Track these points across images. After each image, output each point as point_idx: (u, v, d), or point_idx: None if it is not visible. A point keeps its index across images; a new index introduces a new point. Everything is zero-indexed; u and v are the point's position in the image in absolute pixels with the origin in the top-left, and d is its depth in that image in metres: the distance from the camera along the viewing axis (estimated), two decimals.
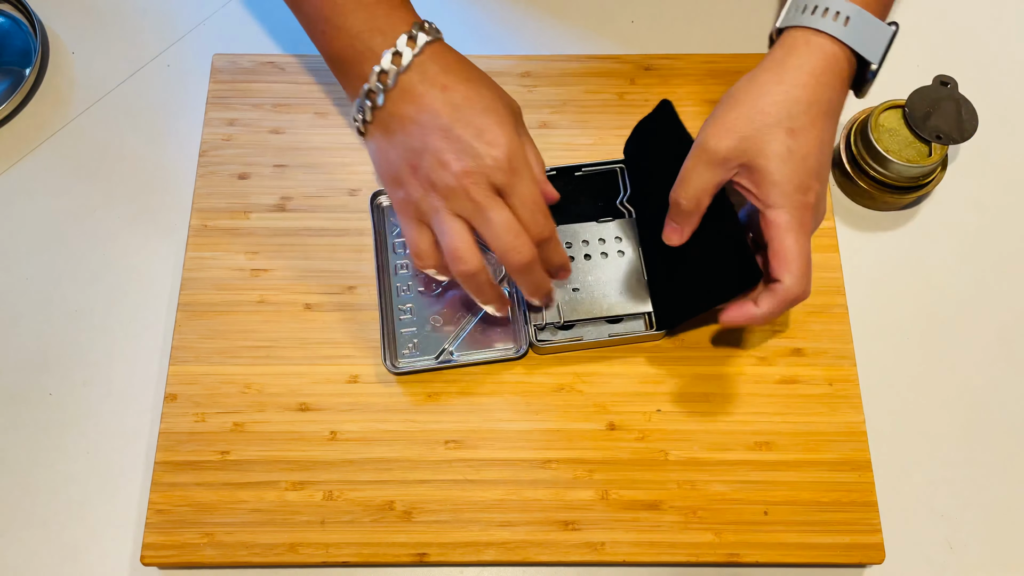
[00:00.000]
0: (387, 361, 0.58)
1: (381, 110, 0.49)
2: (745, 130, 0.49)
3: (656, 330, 0.59)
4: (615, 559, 0.55)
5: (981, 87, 0.66)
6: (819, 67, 0.49)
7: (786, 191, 0.48)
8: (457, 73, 0.49)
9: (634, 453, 0.57)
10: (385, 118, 0.49)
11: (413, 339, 0.59)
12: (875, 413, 0.59)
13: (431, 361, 0.58)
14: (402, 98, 0.48)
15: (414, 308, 0.60)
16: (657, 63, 0.68)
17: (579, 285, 0.60)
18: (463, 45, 0.70)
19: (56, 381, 0.60)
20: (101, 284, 0.63)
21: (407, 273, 0.61)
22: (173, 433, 0.57)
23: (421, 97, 0.48)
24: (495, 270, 0.60)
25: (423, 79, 0.48)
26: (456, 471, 0.56)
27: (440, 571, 0.56)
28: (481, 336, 0.59)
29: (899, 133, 0.62)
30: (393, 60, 0.48)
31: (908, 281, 0.64)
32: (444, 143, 0.47)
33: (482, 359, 0.58)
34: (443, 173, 0.47)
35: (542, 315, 0.59)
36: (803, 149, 0.49)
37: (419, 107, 0.48)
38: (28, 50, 0.69)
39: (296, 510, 0.55)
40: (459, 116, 0.47)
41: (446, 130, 0.47)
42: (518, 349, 0.58)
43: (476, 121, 0.47)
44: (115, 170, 0.66)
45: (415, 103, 0.48)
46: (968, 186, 0.67)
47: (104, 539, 0.56)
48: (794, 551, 0.55)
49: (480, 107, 0.48)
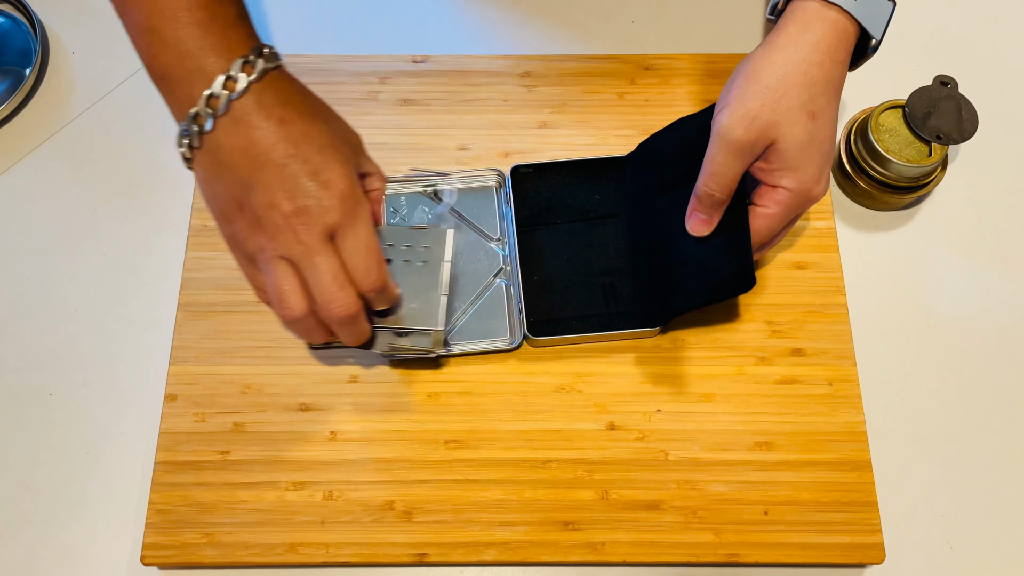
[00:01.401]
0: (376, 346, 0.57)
1: (209, 137, 0.44)
2: (770, 117, 0.48)
3: (645, 327, 0.59)
4: (615, 559, 0.55)
5: (981, 87, 0.66)
6: (833, 44, 0.49)
7: (803, 179, 0.49)
8: (296, 106, 0.45)
9: (634, 453, 0.57)
10: (213, 147, 0.45)
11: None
12: (875, 413, 0.59)
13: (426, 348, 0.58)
14: (233, 127, 0.44)
15: None
16: (657, 63, 0.68)
17: None
18: (463, 45, 0.70)
19: (56, 381, 0.60)
20: (101, 284, 0.63)
21: None
22: (173, 433, 0.57)
23: (254, 129, 0.44)
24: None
25: (259, 109, 0.44)
26: (456, 471, 0.56)
27: (440, 571, 0.56)
28: (477, 326, 0.59)
29: (899, 133, 0.62)
30: (226, 85, 0.43)
31: (908, 281, 0.64)
32: (276, 180, 0.44)
33: (476, 349, 0.58)
34: (272, 213, 0.44)
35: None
36: (822, 132, 0.49)
37: (251, 140, 0.44)
38: (28, 50, 0.69)
39: (296, 510, 0.55)
40: (295, 152, 0.44)
41: (279, 167, 0.44)
42: (512, 341, 0.58)
43: (313, 159, 0.44)
44: (115, 170, 0.66)
45: (247, 135, 0.44)
46: (968, 186, 0.67)
47: (104, 539, 0.56)
48: (794, 551, 0.55)
49: (318, 144, 0.45)
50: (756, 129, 0.48)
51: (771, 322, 0.60)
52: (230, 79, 0.44)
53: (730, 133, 0.48)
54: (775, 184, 0.50)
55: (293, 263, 0.45)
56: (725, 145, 0.49)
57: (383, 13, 0.72)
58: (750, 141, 0.48)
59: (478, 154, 0.64)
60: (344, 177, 0.45)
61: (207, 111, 0.44)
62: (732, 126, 0.48)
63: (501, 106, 0.66)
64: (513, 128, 0.65)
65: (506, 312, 0.60)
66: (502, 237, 0.62)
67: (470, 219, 0.62)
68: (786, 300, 0.61)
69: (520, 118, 0.66)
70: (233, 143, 0.44)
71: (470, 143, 0.65)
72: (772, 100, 0.48)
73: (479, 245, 0.62)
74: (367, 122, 0.65)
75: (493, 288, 0.60)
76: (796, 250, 0.62)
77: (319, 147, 0.45)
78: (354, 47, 0.70)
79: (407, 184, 0.63)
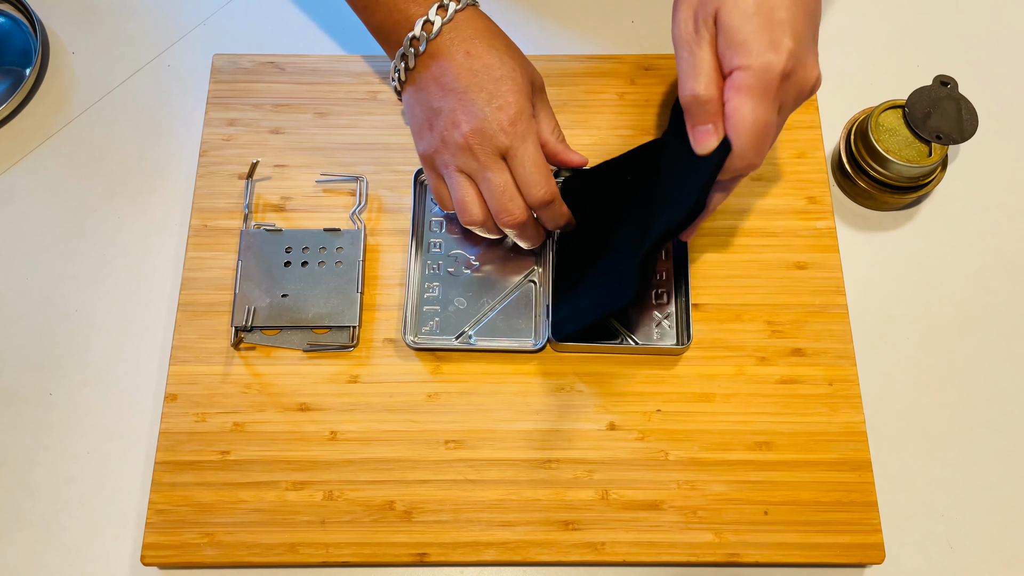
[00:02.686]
0: (407, 335, 0.58)
1: (412, 71, 0.54)
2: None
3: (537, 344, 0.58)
4: (615, 559, 0.55)
5: (981, 87, 0.66)
6: None
7: (750, 49, 0.44)
8: (482, 40, 0.52)
9: (634, 453, 0.57)
10: (415, 78, 0.54)
11: (435, 317, 0.59)
12: (875, 413, 0.59)
13: (450, 340, 0.58)
14: (430, 61, 0.53)
15: (441, 288, 0.60)
16: (657, 63, 0.68)
17: (288, 292, 0.59)
18: None
19: (56, 381, 0.60)
20: (101, 284, 0.63)
21: (439, 252, 0.61)
22: (173, 433, 0.57)
23: (445, 61, 0.52)
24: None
25: (449, 44, 0.52)
26: (456, 471, 0.56)
27: (440, 571, 0.56)
28: (502, 324, 0.59)
29: (899, 133, 0.62)
30: (424, 27, 0.52)
31: (908, 281, 0.64)
32: (458, 104, 0.51)
33: (500, 347, 0.58)
34: (454, 132, 0.52)
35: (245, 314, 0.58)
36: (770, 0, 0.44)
37: (442, 70, 0.52)
38: (28, 50, 0.69)
39: (296, 510, 0.55)
40: (475, 81, 0.51)
41: (462, 93, 0.51)
42: (536, 343, 0.58)
43: (490, 87, 0.51)
44: (115, 170, 0.66)
45: (439, 66, 0.52)
46: (968, 186, 0.67)
47: (104, 539, 0.56)
48: (794, 551, 0.55)
49: (498, 74, 0.52)
50: (695, 3, 0.46)
51: (771, 322, 0.60)
52: (428, 22, 0.52)
53: (678, 22, 0.47)
54: (729, 69, 0.45)
55: (471, 176, 0.52)
56: (677, 35, 0.47)
57: None
58: (693, 17, 0.46)
59: None
60: (515, 104, 0.51)
61: (411, 51, 0.53)
62: (678, 15, 0.47)
63: None
64: None
65: (532, 313, 0.60)
66: None
67: None
68: (786, 300, 0.61)
69: None
70: (428, 73, 0.53)
71: None
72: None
73: (514, 244, 0.61)
74: (367, 122, 0.65)
75: (522, 289, 0.60)
76: (796, 250, 0.62)
77: (498, 77, 0.52)
78: (354, 47, 0.70)
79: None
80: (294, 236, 0.60)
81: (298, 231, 0.61)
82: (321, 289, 0.59)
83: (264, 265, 0.59)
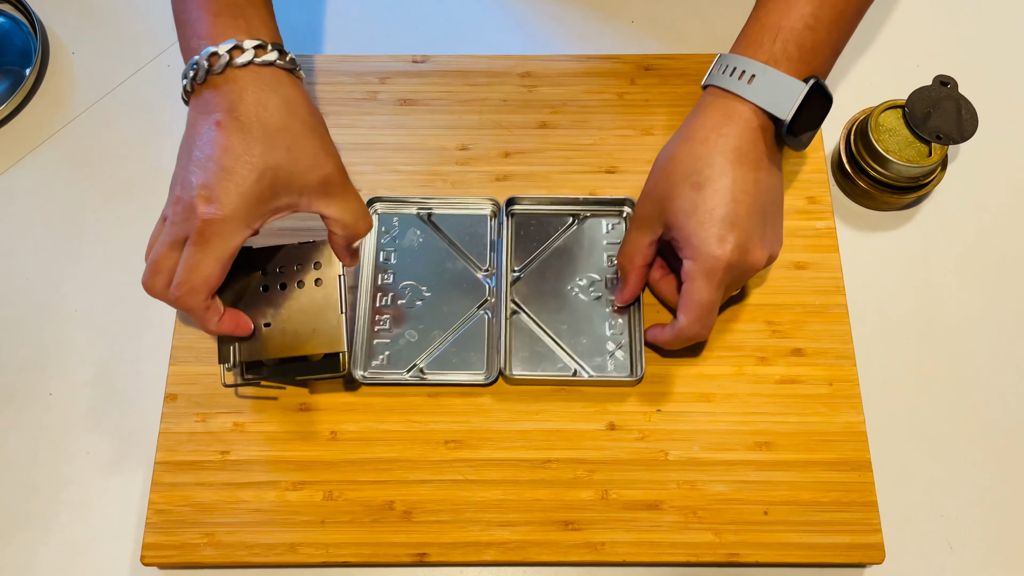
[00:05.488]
0: (356, 370, 0.57)
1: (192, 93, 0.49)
2: (659, 192, 0.53)
3: (489, 379, 0.58)
4: (615, 559, 0.55)
5: (981, 87, 0.66)
6: (720, 121, 0.52)
7: (696, 245, 0.51)
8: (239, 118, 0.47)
9: (634, 453, 0.57)
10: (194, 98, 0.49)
11: (386, 351, 0.59)
12: (875, 413, 0.59)
13: (401, 374, 0.58)
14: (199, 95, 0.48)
15: (391, 320, 0.59)
16: (657, 63, 0.68)
17: (270, 320, 0.53)
18: (463, 45, 0.70)
19: (56, 381, 0.60)
20: (101, 284, 0.63)
21: (391, 284, 0.60)
22: (173, 433, 0.57)
23: (194, 117, 0.48)
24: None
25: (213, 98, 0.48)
26: (456, 471, 0.56)
27: (440, 571, 0.56)
28: (454, 358, 0.59)
29: (899, 133, 0.62)
30: (210, 58, 0.47)
31: (908, 281, 0.64)
32: (181, 167, 0.48)
33: (451, 381, 0.58)
34: (173, 185, 0.48)
35: (230, 352, 0.53)
36: (710, 202, 0.51)
37: (195, 120, 0.48)
38: (28, 50, 0.69)
39: (296, 510, 0.55)
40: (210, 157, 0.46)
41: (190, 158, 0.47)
42: (488, 377, 0.58)
43: (213, 175, 0.46)
44: (115, 170, 0.66)
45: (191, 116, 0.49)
46: (968, 186, 0.67)
47: (104, 539, 0.56)
48: (794, 551, 0.55)
49: (227, 163, 0.46)
50: (649, 203, 0.54)
51: (771, 322, 0.60)
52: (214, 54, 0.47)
53: (636, 210, 0.56)
54: (681, 259, 0.52)
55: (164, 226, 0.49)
56: (632, 219, 0.57)
57: (383, 13, 0.72)
58: (646, 214, 0.54)
59: (478, 154, 0.64)
60: (227, 206, 0.46)
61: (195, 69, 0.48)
62: (637, 203, 0.56)
63: (501, 106, 0.66)
64: (513, 128, 0.65)
65: (484, 345, 0.59)
66: (491, 268, 0.61)
67: (460, 246, 0.62)
68: (786, 300, 0.61)
69: (520, 118, 0.66)
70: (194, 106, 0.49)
71: (470, 143, 0.65)
72: (660, 177, 0.53)
73: (466, 274, 0.61)
74: (367, 122, 0.65)
75: (475, 319, 0.60)
76: (796, 250, 0.62)
77: (225, 167, 0.46)
78: (354, 47, 0.70)
79: (400, 205, 0.63)
80: (268, 255, 0.54)
81: (271, 248, 0.54)
82: (304, 314, 0.53)
83: (240, 291, 0.53)
